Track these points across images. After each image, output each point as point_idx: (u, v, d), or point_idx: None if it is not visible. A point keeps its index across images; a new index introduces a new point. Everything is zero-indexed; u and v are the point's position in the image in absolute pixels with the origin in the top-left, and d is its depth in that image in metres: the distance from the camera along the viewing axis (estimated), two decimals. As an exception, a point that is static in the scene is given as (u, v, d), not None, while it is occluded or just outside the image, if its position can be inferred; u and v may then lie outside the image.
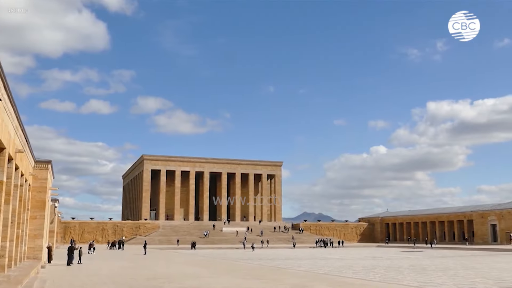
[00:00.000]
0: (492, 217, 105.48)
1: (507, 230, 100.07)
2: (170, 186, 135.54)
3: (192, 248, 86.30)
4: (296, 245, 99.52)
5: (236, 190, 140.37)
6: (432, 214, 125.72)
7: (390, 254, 68.49)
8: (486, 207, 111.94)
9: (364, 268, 40.28)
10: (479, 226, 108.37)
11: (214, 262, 50.75)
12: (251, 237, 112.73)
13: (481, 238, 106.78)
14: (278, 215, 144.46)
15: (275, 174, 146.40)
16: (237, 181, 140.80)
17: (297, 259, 55.18)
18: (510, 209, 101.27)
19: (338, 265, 44.41)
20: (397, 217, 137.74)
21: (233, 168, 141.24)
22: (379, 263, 47.17)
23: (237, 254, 70.48)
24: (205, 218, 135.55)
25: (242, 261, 52.37)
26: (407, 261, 51.90)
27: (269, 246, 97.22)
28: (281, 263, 47.35)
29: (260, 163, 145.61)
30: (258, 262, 49.20)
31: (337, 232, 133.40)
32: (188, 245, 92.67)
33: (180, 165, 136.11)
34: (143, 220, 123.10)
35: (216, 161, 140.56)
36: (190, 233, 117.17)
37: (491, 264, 46.14)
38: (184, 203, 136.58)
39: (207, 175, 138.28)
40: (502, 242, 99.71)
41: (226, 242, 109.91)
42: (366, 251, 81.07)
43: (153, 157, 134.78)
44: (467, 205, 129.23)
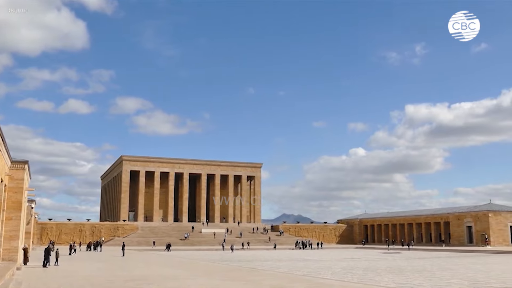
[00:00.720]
0: (468, 219, 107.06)
1: (482, 231, 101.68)
2: (149, 187, 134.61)
3: (167, 249, 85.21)
4: (276, 247, 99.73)
5: (215, 192, 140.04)
6: (410, 216, 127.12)
7: (368, 256, 69.04)
8: (463, 209, 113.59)
9: (342, 270, 40.55)
10: (456, 228, 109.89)
11: (193, 263, 50.56)
12: (230, 238, 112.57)
13: (457, 240, 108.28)
14: (257, 216, 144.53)
15: (254, 176, 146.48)
16: (216, 183, 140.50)
17: (276, 261, 55.27)
18: (486, 211, 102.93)
19: (317, 267, 44.61)
20: (376, 219, 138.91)
21: (213, 170, 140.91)
22: (357, 265, 47.53)
23: (216, 255, 70.32)
24: (185, 219, 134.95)
25: (221, 262, 52.27)
26: (384, 262, 52.39)
27: (249, 248, 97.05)
28: (259, 265, 47.39)
29: (240, 164, 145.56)
30: (237, 264, 49.17)
31: (316, 234, 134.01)
32: (163, 247, 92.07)
33: (160, 166, 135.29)
34: (121, 222, 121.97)
35: (195, 162, 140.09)
36: (169, 234, 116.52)
37: (467, 265, 46.84)
38: (163, 204, 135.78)
39: (186, 176, 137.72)
40: (477, 244, 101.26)
41: (206, 243, 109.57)
42: (344, 253, 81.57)
43: (132, 158, 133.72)
44: (444, 207, 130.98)
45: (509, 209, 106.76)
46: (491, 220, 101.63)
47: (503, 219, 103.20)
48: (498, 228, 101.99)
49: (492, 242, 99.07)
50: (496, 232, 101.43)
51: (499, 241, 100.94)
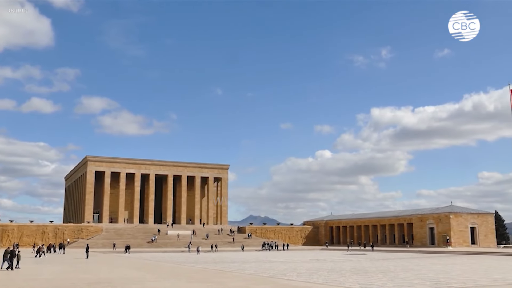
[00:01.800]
0: (430, 220, 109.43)
1: (444, 233, 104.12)
2: (114, 188, 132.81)
3: (126, 251, 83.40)
4: (244, 248, 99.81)
5: (182, 193, 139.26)
6: (374, 218, 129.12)
7: (333, 257, 69.79)
8: (425, 211, 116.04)
9: (308, 271, 40.88)
10: (418, 230, 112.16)
11: (159, 265, 50.10)
12: (196, 240, 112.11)
13: (420, 241, 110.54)
14: (224, 218, 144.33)
15: (221, 177, 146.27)
16: (183, 184, 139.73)
17: (242, 262, 55.31)
18: (447, 213, 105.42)
19: (283, 268, 44.84)
20: (341, 221, 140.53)
21: (180, 171, 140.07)
22: (322, 266, 47.99)
23: (182, 257, 69.89)
24: (150, 221, 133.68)
25: (187, 264, 51.98)
26: (349, 263, 53.03)
27: (217, 250, 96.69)
28: (225, 266, 47.34)
29: (207, 166, 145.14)
30: (203, 266, 48.99)
31: (282, 235, 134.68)
32: (132, 249, 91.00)
33: (125, 167, 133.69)
34: (85, 223, 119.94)
35: (162, 164, 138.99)
36: (134, 236, 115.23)
37: (429, 266, 47.83)
38: (129, 206, 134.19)
39: (153, 178, 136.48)
40: (439, 245, 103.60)
41: (171, 245, 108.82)
42: (310, 254, 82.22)
43: (97, 159, 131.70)
44: (407, 209, 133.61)
45: (469, 211, 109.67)
46: (452, 221, 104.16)
47: (464, 220, 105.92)
48: (459, 230, 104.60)
49: (453, 243, 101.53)
50: (457, 233, 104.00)
51: (460, 242, 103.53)
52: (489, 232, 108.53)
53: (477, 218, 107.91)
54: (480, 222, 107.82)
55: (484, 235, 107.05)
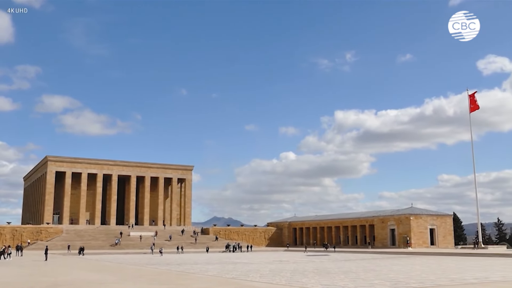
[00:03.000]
0: (391, 222, 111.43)
1: (404, 234, 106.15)
2: (75, 189, 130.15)
3: (80, 253, 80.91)
4: (209, 250, 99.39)
5: (145, 194, 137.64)
6: (337, 219, 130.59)
7: (296, 258, 70.27)
8: (386, 213, 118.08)
9: (271, 272, 41.05)
10: (380, 231, 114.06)
11: (120, 267, 49.43)
12: (159, 241, 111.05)
13: (381, 242, 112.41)
14: (187, 219, 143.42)
15: (185, 178, 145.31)
16: (146, 185, 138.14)
17: (205, 264, 55.12)
18: (408, 215, 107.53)
19: (246, 269, 44.90)
20: (304, 222, 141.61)
21: (143, 172, 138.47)
22: (285, 267, 48.27)
23: (144, 259, 69.11)
24: (112, 222, 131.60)
25: (149, 266, 51.44)
26: (312, 264, 53.51)
27: (182, 252, 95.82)
28: (189, 268, 47.08)
29: (171, 166, 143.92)
30: (165, 267, 48.58)
31: (246, 237, 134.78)
32: (91, 250, 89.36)
33: (87, 167, 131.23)
34: (45, 225, 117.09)
35: (125, 164, 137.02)
36: (95, 238, 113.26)
37: (389, 266, 48.72)
38: (90, 207, 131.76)
39: (115, 178, 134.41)
40: (400, 246, 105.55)
41: (134, 247, 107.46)
42: (273, 255, 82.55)
43: (58, 159, 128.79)
44: (369, 211, 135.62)
45: (429, 213, 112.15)
46: (413, 223, 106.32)
47: (424, 222, 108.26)
48: (419, 231, 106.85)
49: (413, 244, 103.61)
50: (417, 234, 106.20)
51: (420, 243, 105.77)
52: (447, 233, 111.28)
53: (436, 219, 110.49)
54: (439, 223, 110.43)
55: (442, 236, 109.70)
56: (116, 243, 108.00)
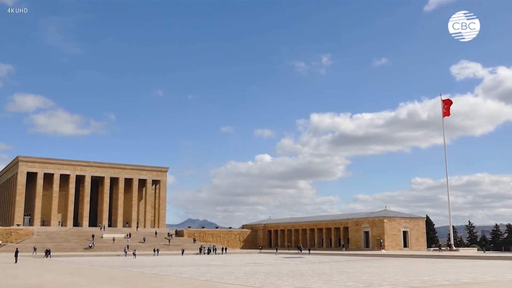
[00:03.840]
0: (365, 224, 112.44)
1: (378, 236, 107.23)
2: (47, 190, 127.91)
3: (47, 256, 78.59)
4: (184, 252, 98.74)
5: (119, 195, 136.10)
6: (312, 222, 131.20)
7: (270, 260, 70.28)
8: (361, 215, 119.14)
9: (245, 274, 40.94)
10: (354, 233, 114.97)
11: (93, 270, 48.73)
12: (133, 244, 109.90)
13: (355, 244, 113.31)
14: (162, 221, 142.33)
15: (160, 180, 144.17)
16: (120, 186, 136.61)
17: (179, 266, 54.72)
18: (381, 217, 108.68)
19: (220, 272, 44.69)
20: (279, 224, 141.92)
21: (117, 173, 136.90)
22: (260, 269, 48.21)
23: (118, 261, 68.27)
24: (85, 224, 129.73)
25: (122, 268, 50.82)
26: (286, 267, 53.58)
27: (157, 254, 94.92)
28: (162, 270, 46.65)
29: (145, 168, 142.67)
30: (139, 270, 48.06)
31: (221, 239, 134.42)
32: (63, 253, 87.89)
33: (60, 168, 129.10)
34: (15, 226, 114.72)
35: (98, 165, 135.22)
36: (67, 240, 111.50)
37: (363, 268, 49.07)
38: (63, 208, 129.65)
39: (88, 179, 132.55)
40: (373, 248, 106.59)
41: (107, 249, 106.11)
42: (248, 257, 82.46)
43: (30, 159, 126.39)
44: (344, 213, 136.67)
45: (402, 216, 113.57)
46: (386, 225, 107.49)
47: (397, 224, 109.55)
48: (392, 233, 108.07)
49: (386, 247, 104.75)
50: (390, 237, 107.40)
51: (393, 245, 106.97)
52: (420, 235, 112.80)
53: (409, 222, 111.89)
54: (412, 226, 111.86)
55: (415, 239, 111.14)
56: (90, 246, 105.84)
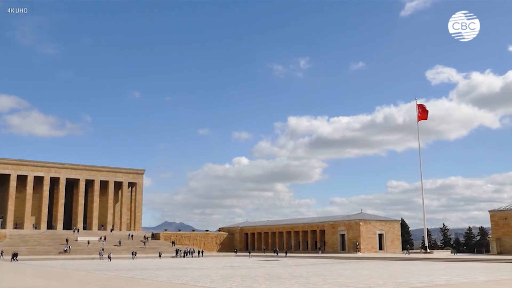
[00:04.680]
0: (341, 227, 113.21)
1: (354, 239, 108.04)
2: (20, 192, 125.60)
3: (13, 259, 77.01)
4: (161, 255, 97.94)
5: (94, 198, 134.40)
6: (289, 225, 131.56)
7: (247, 263, 70.24)
8: (337, 218, 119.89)
9: (221, 277, 40.83)
10: (330, 236, 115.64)
11: (67, 273, 48.05)
12: (108, 247, 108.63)
13: (331, 247, 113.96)
14: (138, 224, 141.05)
15: (136, 182, 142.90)
16: (95, 189, 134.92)
17: (155, 269, 54.30)
18: (357, 220, 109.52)
19: (197, 275, 44.50)
20: (256, 227, 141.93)
21: (92, 175, 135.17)
22: (236, 272, 48.14)
23: (93, 264, 67.45)
24: (59, 227, 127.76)
25: (97, 272, 50.22)
26: (263, 269, 53.60)
27: (136, 257, 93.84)
28: (138, 274, 46.24)
29: (121, 170, 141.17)
30: (114, 273, 47.54)
31: (198, 242, 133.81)
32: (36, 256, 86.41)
33: (34, 170, 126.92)
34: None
35: (74, 167, 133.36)
36: (41, 243, 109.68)
37: (339, 271, 49.39)
38: (36, 211, 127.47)
39: (63, 182, 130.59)
40: (349, 251, 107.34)
41: (81, 252, 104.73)
42: (225, 260, 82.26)
43: (3, 160, 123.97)
44: (320, 216, 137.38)
45: (378, 218, 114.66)
46: (362, 228, 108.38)
47: (373, 227, 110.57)
48: (368, 236, 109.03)
49: (362, 249, 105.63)
50: (366, 239, 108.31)
51: (368, 248, 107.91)
52: (395, 238, 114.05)
53: (384, 225, 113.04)
54: (387, 229, 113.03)
55: (390, 241, 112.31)
56: (65, 250, 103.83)
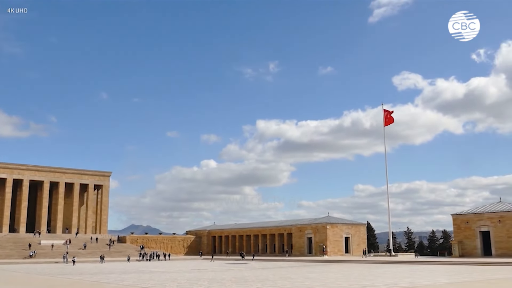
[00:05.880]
0: (308, 230, 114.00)
1: (320, 242, 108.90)
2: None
3: None
4: (130, 259, 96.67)
5: (59, 201, 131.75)
6: (256, 228, 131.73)
7: (214, 267, 70.06)
8: (304, 222, 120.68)
9: (188, 281, 40.64)
10: (297, 239, 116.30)
11: (29, 278, 47.00)
12: (73, 250, 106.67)
13: (298, 250, 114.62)
14: (103, 227, 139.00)
15: (102, 185, 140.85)
16: (60, 191, 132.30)
17: (121, 273, 53.63)
18: (324, 224, 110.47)
19: (163, 278, 44.17)
20: (224, 230, 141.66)
21: (57, 177, 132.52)
22: (203, 276, 47.97)
23: (56, 269, 66.14)
24: (22, 230, 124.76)
25: (61, 276, 49.30)
26: (230, 273, 53.56)
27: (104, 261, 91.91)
28: (103, 278, 45.59)
29: (87, 172, 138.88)
30: (78, 277, 46.76)
31: (164, 245, 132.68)
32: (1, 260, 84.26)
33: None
34: None
35: (38, 169, 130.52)
36: (3, 246, 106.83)
37: (306, 274, 49.72)
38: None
39: (26, 184, 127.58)
40: (316, 254, 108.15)
41: (45, 256, 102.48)
42: (192, 264, 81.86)
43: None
44: (288, 219, 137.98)
45: (344, 222, 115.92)
46: (329, 232, 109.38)
47: (339, 231, 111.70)
48: (335, 239, 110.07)
49: (329, 252, 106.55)
50: (332, 243, 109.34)
51: (335, 251, 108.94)
52: (361, 241, 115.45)
53: (351, 228, 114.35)
54: (353, 232, 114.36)
55: (357, 245, 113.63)
56: (30, 256, 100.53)
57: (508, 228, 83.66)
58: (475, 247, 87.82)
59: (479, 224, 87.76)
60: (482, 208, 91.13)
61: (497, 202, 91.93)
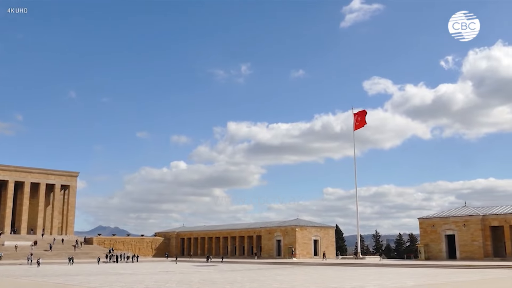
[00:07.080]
0: (278, 233, 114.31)
1: (290, 245, 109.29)
2: None
3: None
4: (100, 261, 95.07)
5: (24, 201, 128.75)
6: (226, 230, 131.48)
7: (182, 269, 69.57)
8: (273, 224, 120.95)
9: (156, 283, 40.22)
10: (267, 242, 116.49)
11: (-9, 279, 45.77)
12: (38, 251, 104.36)
13: (267, 253, 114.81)
14: (70, 228, 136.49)
15: (69, 185, 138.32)
16: (25, 191, 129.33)
17: (87, 275, 52.73)
18: (293, 226, 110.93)
19: (131, 280, 43.62)
20: (193, 232, 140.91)
21: (23, 177, 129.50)
22: (171, 278, 47.58)
23: (20, 270, 64.64)
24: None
25: (25, 278, 48.18)
26: (198, 275, 53.25)
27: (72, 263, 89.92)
28: (68, 280, 44.73)
29: (54, 172, 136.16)
30: (43, 279, 45.77)
31: (132, 247, 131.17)
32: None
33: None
34: None
35: (2, 168, 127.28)
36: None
37: (274, 276, 49.81)
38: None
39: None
40: (285, 256, 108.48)
41: (8, 257, 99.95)
42: (160, 266, 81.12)
43: None
44: (257, 222, 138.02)
45: (313, 224, 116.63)
46: (298, 234, 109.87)
47: (308, 233, 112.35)
48: (304, 242, 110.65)
49: (297, 255, 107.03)
50: (301, 245, 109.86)
51: (304, 253, 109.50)
52: (330, 244, 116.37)
53: (320, 231, 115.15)
54: (322, 235, 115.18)
55: (325, 247, 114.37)
56: None
57: (472, 232, 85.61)
58: (441, 250, 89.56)
59: (444, 228, 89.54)
60: (448, 212, 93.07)
61: (462, 206, 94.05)
